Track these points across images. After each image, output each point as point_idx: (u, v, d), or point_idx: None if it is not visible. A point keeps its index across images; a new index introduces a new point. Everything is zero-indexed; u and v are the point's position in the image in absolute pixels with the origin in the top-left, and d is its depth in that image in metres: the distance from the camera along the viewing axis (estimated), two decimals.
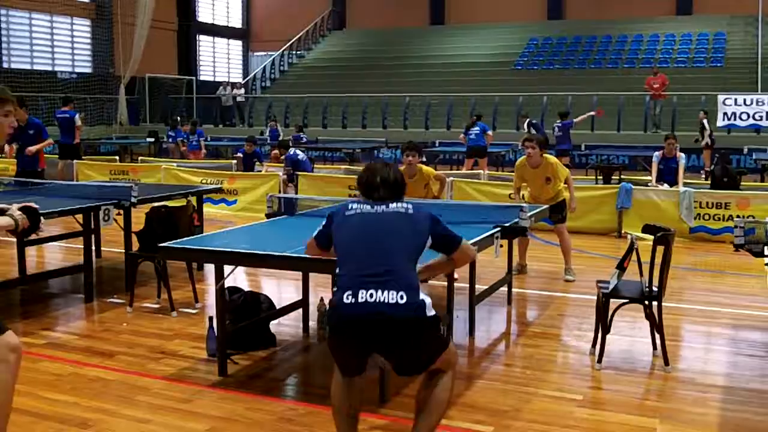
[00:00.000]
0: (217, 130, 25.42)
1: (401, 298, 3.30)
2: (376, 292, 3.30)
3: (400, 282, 3.35)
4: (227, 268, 4.92)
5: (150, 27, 26.54)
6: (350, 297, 3.32)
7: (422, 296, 3.39)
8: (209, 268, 7.33)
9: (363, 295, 3.31)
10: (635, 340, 5.78)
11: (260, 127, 23.90)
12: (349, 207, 3.68)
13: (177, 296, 6.67)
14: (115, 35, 27.86)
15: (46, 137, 10.09)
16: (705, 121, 17.54)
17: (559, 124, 17.19)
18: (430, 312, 3.40)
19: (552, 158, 7.90)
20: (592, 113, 19.17)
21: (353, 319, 3.34)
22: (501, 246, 5.50)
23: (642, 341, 5.58)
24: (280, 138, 18.51)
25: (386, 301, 3.29)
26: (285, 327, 6.02)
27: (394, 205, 3.65)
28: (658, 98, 20.63)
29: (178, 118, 21.35)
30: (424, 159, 16.48)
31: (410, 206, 3.67)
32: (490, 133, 16.40)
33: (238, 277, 7.25)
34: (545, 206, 7.22)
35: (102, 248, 8.65)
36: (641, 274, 5.17)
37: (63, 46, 28.01)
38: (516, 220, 5.72)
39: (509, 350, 5.81)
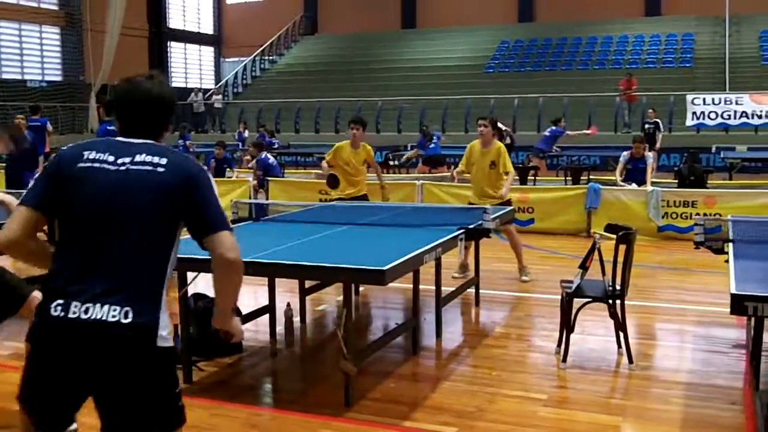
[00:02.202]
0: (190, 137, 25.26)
1: (125, 315, 2.36)
2: (94, 306, 2.35)
3: (134, 291, 2.40)
4: (190, 275, 4.89)
5: (120, 34, 26.33)
6: (59, 308, 2.37)
7: (161, 315, 2.44)
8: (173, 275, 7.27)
9: (76, 309, 2.36)
10: (600, 339, 5.80)
11: (233, 132, 23.77)
12: (83, 155, 2.50)
13: None
14: (85, 43, 27.66)
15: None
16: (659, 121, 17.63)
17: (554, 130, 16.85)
18: (166, 342, 2.43)
19: (501, 146, 7.85)
20: (587, 131, 18.52)
21: (60, 333, 2.39)
22: (466, 248, 5.51)
23: (607, 340, 5.60)
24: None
25: (105, 318, 2.35)
26: (251, 333, 5.97)
27: (144, 157, 2.49)
28: (632, 101, 20.76)
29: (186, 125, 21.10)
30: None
31: (167, 158, 2.51)
32: (443, 138, 16.89)
33: (203, 284, 7.19)
34: (510, 208, 7.20)
35: None
36: (603, 273, 5.20)
37: (32, 54, 27.75)
38: (480, 222, 5.74)
39: (476, 351, 5.80)
